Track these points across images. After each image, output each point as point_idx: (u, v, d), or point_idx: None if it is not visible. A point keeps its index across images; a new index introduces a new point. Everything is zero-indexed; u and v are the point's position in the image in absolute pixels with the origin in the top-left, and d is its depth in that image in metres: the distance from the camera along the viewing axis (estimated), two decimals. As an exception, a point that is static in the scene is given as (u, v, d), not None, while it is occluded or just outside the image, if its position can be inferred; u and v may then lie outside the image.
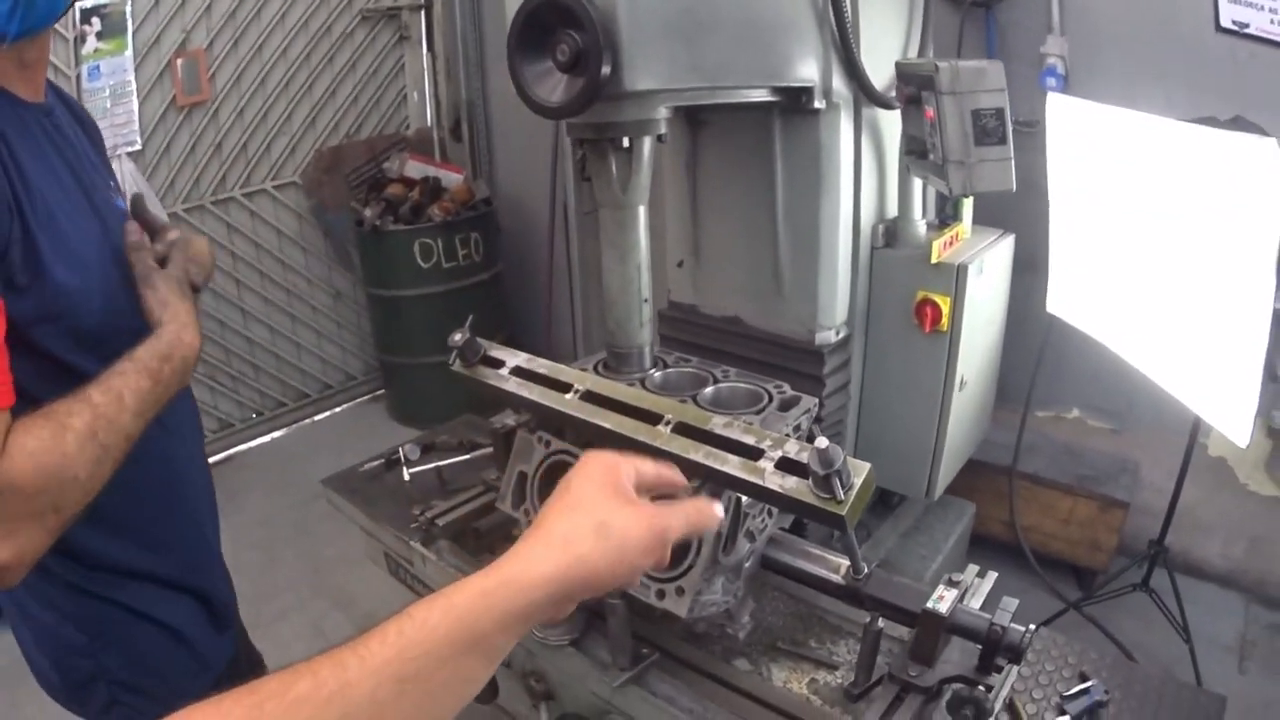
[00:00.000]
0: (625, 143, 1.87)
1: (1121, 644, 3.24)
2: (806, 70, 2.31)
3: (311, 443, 5.45)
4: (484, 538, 2.20)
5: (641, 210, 1.96)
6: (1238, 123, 2.82)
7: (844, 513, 1.31)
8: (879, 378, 2.85)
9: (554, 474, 1.86)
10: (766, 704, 1.73)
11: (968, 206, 2.93)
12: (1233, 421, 2.33)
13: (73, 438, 1.20)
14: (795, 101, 2.36)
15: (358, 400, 6.06)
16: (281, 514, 4.42)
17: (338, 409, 5.96)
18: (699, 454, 1.49)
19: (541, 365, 1.87)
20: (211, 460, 2.16)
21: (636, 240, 1.98)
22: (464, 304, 4.81)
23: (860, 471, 1.33)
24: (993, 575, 1.71)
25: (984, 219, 3.04)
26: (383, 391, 5.92)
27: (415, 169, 5.46)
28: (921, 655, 1.55)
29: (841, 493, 1.31)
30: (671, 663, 1.85)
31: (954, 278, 2.61)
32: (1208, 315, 2.38)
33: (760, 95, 2.26)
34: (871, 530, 3.14)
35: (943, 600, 1.52)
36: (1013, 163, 2.30)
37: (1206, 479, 3.48)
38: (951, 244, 2.78)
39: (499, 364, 1.91)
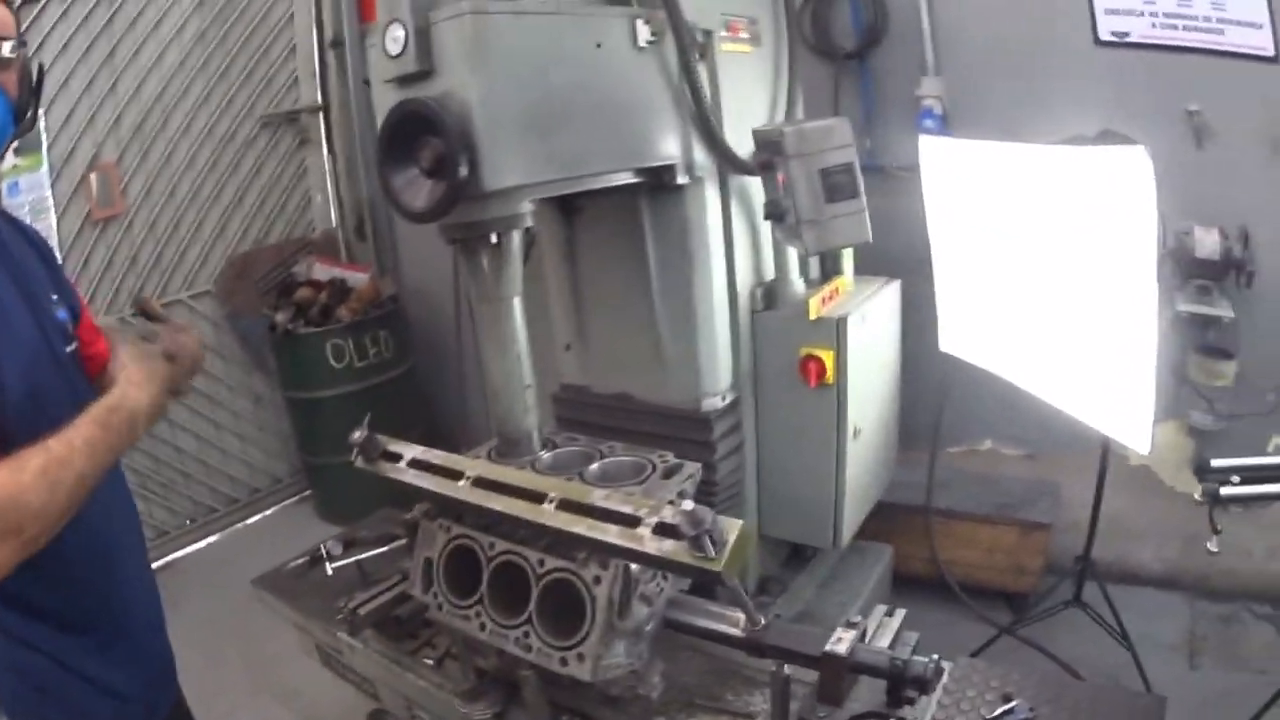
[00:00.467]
0: (493, 239, 1.96)
1: (1062, 661, 3.26)
2: (667, 148, 2.41)
3: (244, 545, 5.40)
4: (405, 623, 2.23)
5: (516, 301, 2.06)
6: (1106, 136, 2.98)
7: (719, 568, 1.40)
8: (773, 436, 2.92)
9: (457, 557, 1.95)
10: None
11: (848, 259, 3.03)
12: (1133, 431, 2.40)
13: (28, 475, 1.38)
14: (659, 179, 2.44)
15: (285, 502, 6.00)
16: (220, 616, 4.38)
17: (267, 511, 5.89)
18: (582, 527, 1.58)
19: (436, 456, 1.97)
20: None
21: (513, 331, 2.08)
22: (379, 400, 4.90)
23: (733, 529, 1.43)
24: (901, 612, 1.78)
25: (873, 268, 3.14)
26: (309, 492, 5.90)
27: (322, 271, 5.50)
28: (828, 697, 1.64)
29: (713, 550, 1.40)
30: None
31: (834, 331, 2.70)
32: (1097, 331, 2.47)
33: (624, 178, 2.34)
34: (787, 583, 3.18)
35: (841, 641, 1.60)
36: (866, 214, 2.42)
37: (1133, 487, 3.58)
38: (832, 298, 2.87)
39: (398, 457, 2.01)
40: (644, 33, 2.27)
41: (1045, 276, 2.66)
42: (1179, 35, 3.16)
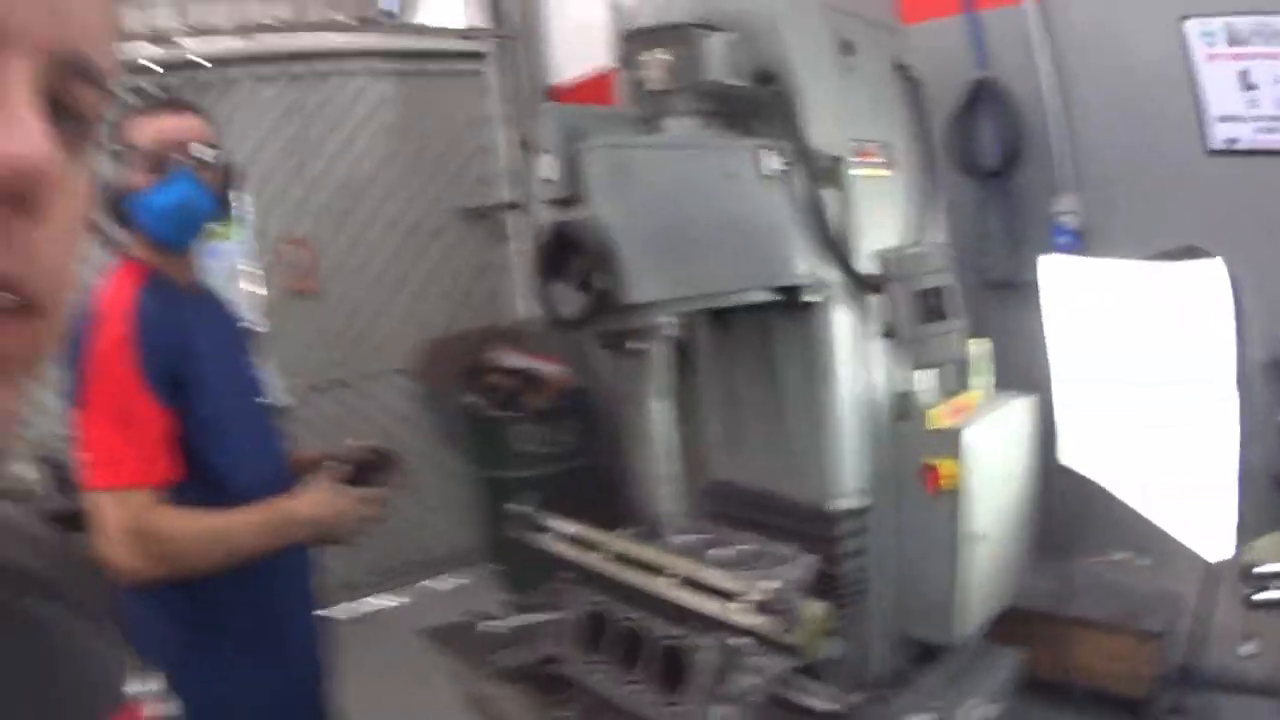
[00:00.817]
0: (636, 346, 2.25)
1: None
2: (796, 269, 2.59)
3: (421, 606, 5.71)
4: (549, 680, 2.43)
5: (659, 401, 2.32)
6: (1190, 251, 3.09)
7: (797, 642, 1.61)
8: (900, 538, 3.02)
9: (591, 620, 2.23)
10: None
11: (984, 372, 3.15)
12: (1217, 543, 2.50)
13: (197, 528, 1.94)
14: (790, 296, 2.63)
15: (465, 571, 6.26)
16: (390, 668, 4.63)
17: (447, 578, 6.20)
18: (689, 599, 1.81)
19: (584, 532, 2.27)
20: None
21: (656, 427, 2.33)
22: (561, 485, 5.07)
23: (811, 609, 1.64)
24: (994, 708, 1.95)
25: (1017, 382, 3.23)
26: (489, 565, 6.06)
27: (515, 360, 5.75)
28: None
29: (793, 626, 1.61)
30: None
31: (953, 441, 2.82)
32: (1186, 443, 2.57)
33: (757, 296, 2.55)
34: (913, 679, 3.29)
35: None
36: (956, 335, 2.62)
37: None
38: (960, 410, 3.00)
39: (549, 530, 2.36)
40: (772, 162, 2.51)
41: (1142, 390, 2.78)
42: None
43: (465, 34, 6.22)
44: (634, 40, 2.55)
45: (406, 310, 5.96)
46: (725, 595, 1.79)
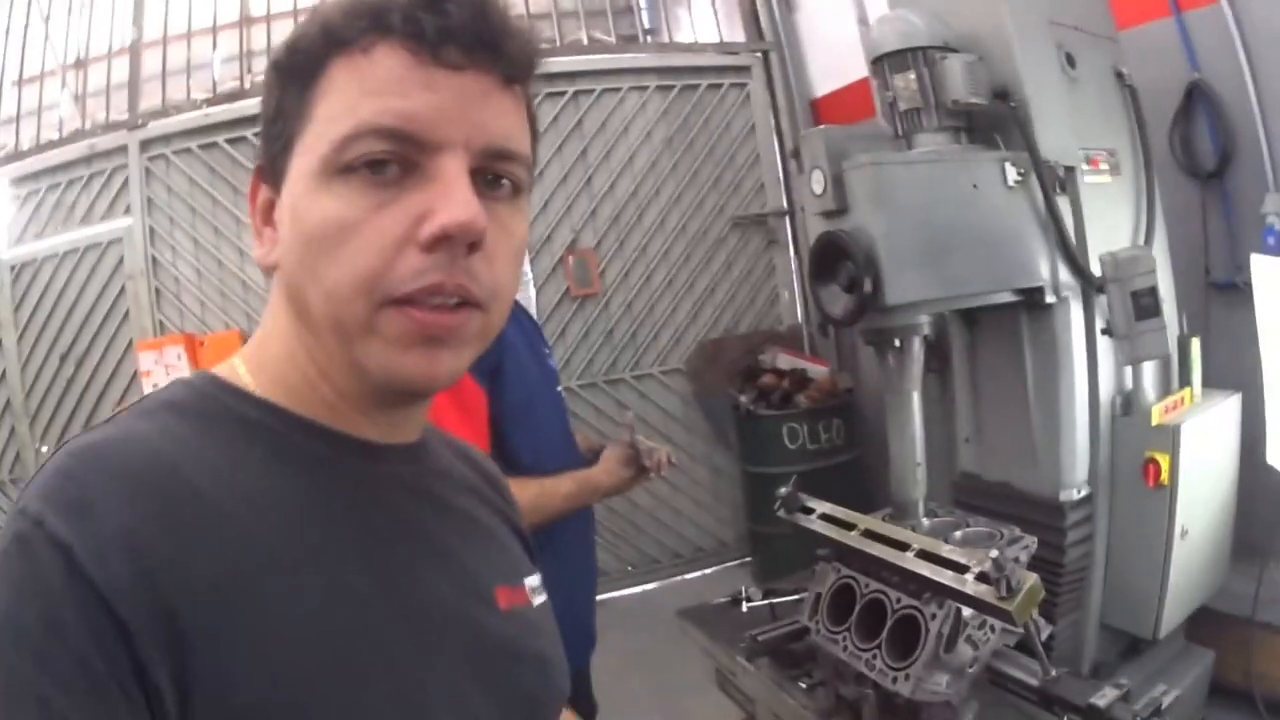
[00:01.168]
0: (896, 343, 2.51)
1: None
2: (1037, 271, 2.79)
3: (679, 594, 5.77)
4: (797, 656, 2.63)
5: (915, 394, 2.57)
6: None
7: (1011, 608, 1.83)
8: (1118, 530, 3.17)
9: (841, 594, 2.43)
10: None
11: (1196, 371, 3.25)
12: None
13: (528, 493, 2.13)
14: (1032, 298, 2.83)
15: (726, 564, 6.45)
16: (639, 650, 4.87)
17: (707, 570, 6.40)
18: (926, 570, 2.05)
19: (839, 511, 2.47)
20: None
21: (911, 418, 2.58)
22: (825, 481, 5.17)
23: (1028, 579, 1.85)
24: (1174, 693, 2.11)
25: (1229, 381, 3.35)
26: (750, 558, 6.32)
27: (786, 361, 6.03)
28: None
29: (1007, 594, 1.83)
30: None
31: (1171, 437, 2.95)
32: None
33: (1002, 297, 2.78)
34: (1115, 670, 3.32)
35: (1104, 697, 1.95)
36: (1165, 332, 2.74)
37: None
38: (1176, 407, 3.13)
39: (810, 510, 2.54)
40: (1012, 173, 2.70)
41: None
42: None
43: (727, 48, 6.47)
44: (882, 63, 2.79)
45: (685, 314, 6.29)
46: (955, 567, 2.00)
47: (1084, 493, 3.08)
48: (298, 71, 0.85)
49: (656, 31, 7.13)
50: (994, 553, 1.87)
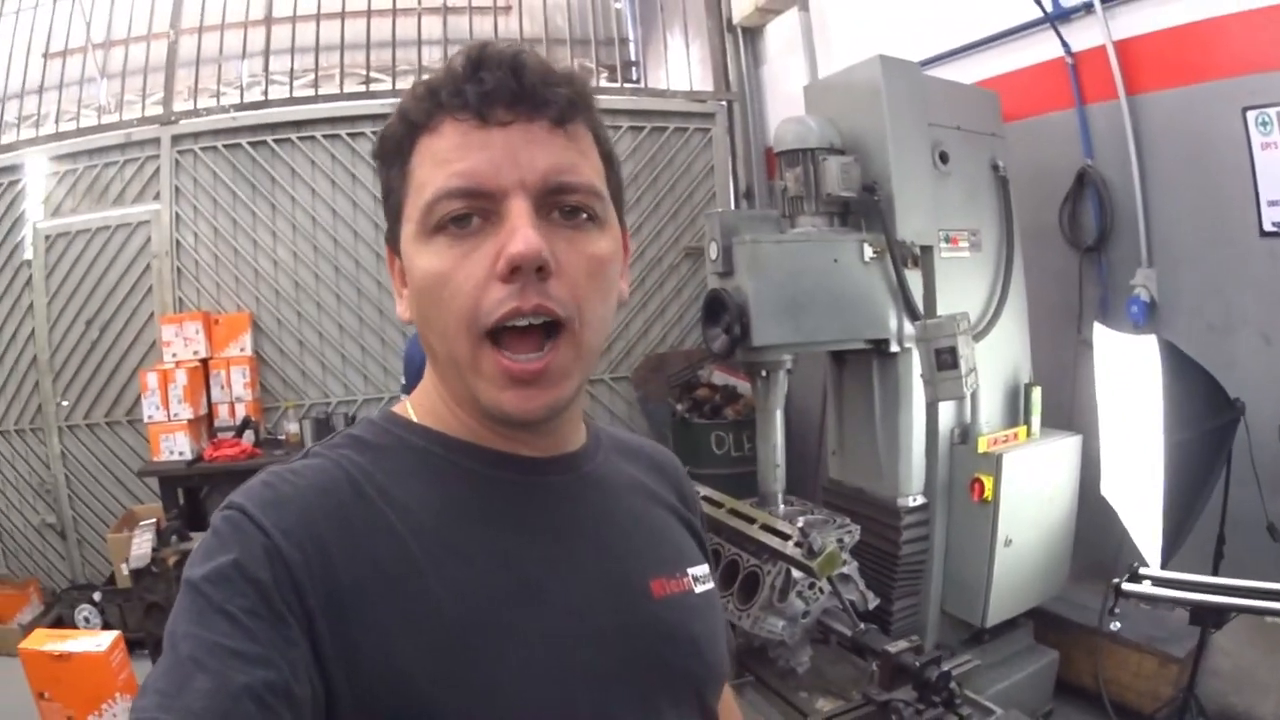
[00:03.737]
0: (764, 374, 3.33)
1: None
2: (885, 326, 3.55)
3: None
4: None
5: (778, 412, 3.39)
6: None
7: (814, 565, 2.62)
8: (952, 534, 3.83)
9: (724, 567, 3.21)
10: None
11: (1036, 414, 3.91)
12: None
13: None
14: (880, 347, 3.59)
15: None
16: None
17: None
18: (764, 538, 2.87)
19: (717, 495, 3.26)
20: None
21: (773, 429, 3.41)
22: (747, 483, 5.08)
23: (828, 545, 2.65)
24: (975, 662, 2.89)
25: (1079, 425, 4.00)
26: None
27: (720, 378, 6.57)
28: (883, 682, 2.65)
29: (809, 555, 2.64)
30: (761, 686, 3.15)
31: (994, 463, 3.62)
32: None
33: (854, 345, 3.55)
34: (955, 650, 3.67)
35: (895, 647, 2.63)
36: (963, 380, 3.32)
37: (1275, 643, 3.72)
38: (1006, 440, 3.82)
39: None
40: (868, 251, 3.48)
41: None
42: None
43: (697, 96, 7.10)
44: (780, 158, 3.59)
45: (638, 329, 6.91)
46: (782, 536, 2.80)
47: (919, 501, 3.77)
48: (391, 157, 0.99)
49: (640, 64, 7.83)
50: (800, 522, 2.67)
